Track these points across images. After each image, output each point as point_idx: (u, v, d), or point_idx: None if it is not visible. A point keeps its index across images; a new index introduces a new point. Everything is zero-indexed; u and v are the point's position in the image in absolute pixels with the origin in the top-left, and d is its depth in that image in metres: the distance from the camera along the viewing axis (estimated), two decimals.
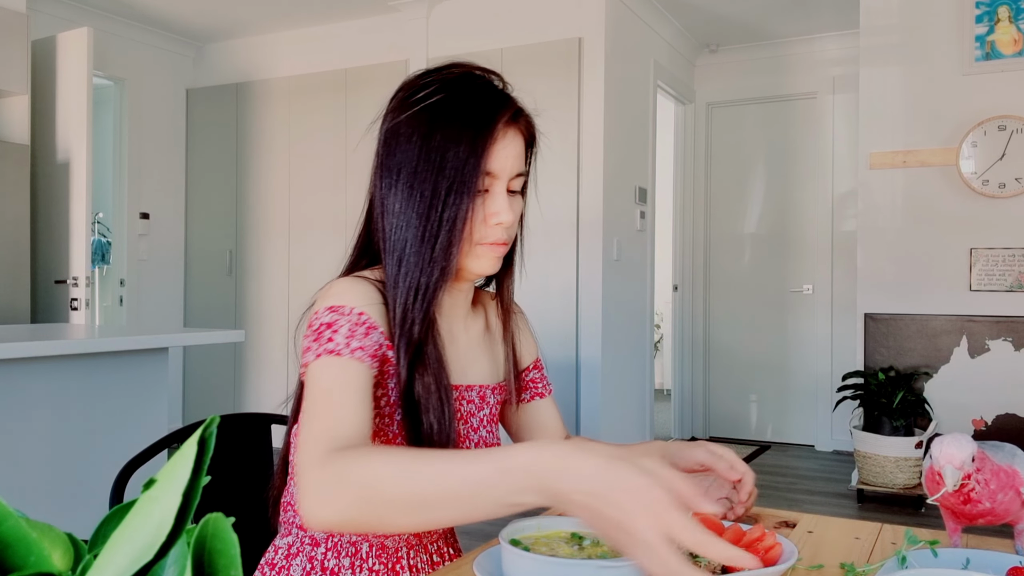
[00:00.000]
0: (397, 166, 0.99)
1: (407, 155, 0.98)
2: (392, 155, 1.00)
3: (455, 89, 0.98)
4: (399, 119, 0.99)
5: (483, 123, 0.97)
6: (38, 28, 4.58)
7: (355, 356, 0.91)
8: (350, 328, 0.93)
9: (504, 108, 0.99)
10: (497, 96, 1.00)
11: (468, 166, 0.95)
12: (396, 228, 0.99)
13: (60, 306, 4.16)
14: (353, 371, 0.90)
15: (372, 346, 0.93)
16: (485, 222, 0.99)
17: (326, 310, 0.95)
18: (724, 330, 5.65)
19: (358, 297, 0.96)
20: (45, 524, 0.30)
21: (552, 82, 4.35)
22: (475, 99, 0.98)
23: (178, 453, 0.30)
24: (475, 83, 1.00)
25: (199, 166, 5.62)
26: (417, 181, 0.97)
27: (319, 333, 0.93)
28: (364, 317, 0.94)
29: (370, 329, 0.94)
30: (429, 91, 0.98)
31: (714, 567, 0.86)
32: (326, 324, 0.93)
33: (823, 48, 5.26)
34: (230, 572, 0.28)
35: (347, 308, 0.94)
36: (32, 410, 2.37)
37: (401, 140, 0.99)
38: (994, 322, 3.86)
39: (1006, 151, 3.83)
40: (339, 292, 0.97)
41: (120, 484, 1.19)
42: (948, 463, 0.89)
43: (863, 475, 3.92)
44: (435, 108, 0.97)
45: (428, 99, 0.97)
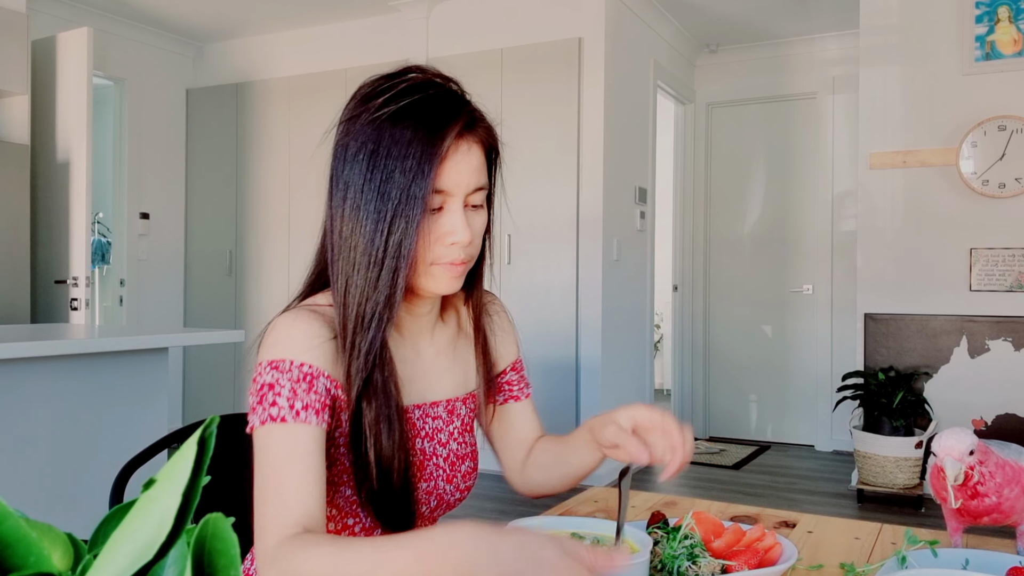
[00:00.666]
0: (344, 183, 0.94)
1: (354, 172, 0.93)
2: (341, 170, 0.95)
3: (405, 99, 0.92)
4: (348, 131, 0.95)
5: (432, 137, 0.90)
6: (38, 28, 4.58)
7: (300, 419, 0.87)
8: (292, 387, 0.88)
9: (455, 119, 0.92)
10: (449, 106, 0.93)
11: (415, 186, 0.90)
12: (342, 251, 0.94)
13: (60, 306, 4.16)
14: (300, 436, 0.86)
15: (318, 399, 0.89)
16: (440, 242, 0.94)
17: (268, 365, 0.90)
18: (724, 330, 5.65)
19: (300, 342, 0.90)
20: (45, 524, 0.30)
21: (552, 82, 4.35)
22: (425, 111, 0.92)
23: (178, 453, 0.30)
24: (428, 92, 0.93)
25: (199, 166, 5.62)
26: (363, 201, 0.92)
27: (262, 396, 0.88)
28: (306, 368, 0.89)
29: (314, 380, 0.89)
30: (379, 101, 0.93)
31: (713, 567, 0.86)
32: (268, 385, 0.89)
33: (823, 48, 5.26)
34: (230, 572, 0.28)
35: (287, 363, 0.89)
36: (32, 410, 2.37)
37: (349, 154, 0.94)
38: (994, 322, 3.86)
39: (1006, 151, 3.83)
40: (280, 340, 0.91)
41: (120, 484, 1.19)
42: (947, 455, 0.89)
43: (863, 475, 3.92)
44: (383, 121, 0.91)
45: (377, 111, 0.92)
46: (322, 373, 0.90)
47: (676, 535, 0.90)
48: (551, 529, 0.91)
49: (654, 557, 0.88)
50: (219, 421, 0.31)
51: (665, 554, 0.88)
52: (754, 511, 1.20)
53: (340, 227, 0.94)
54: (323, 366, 0.91)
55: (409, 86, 0.94)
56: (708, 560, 0.87)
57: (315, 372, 0.90)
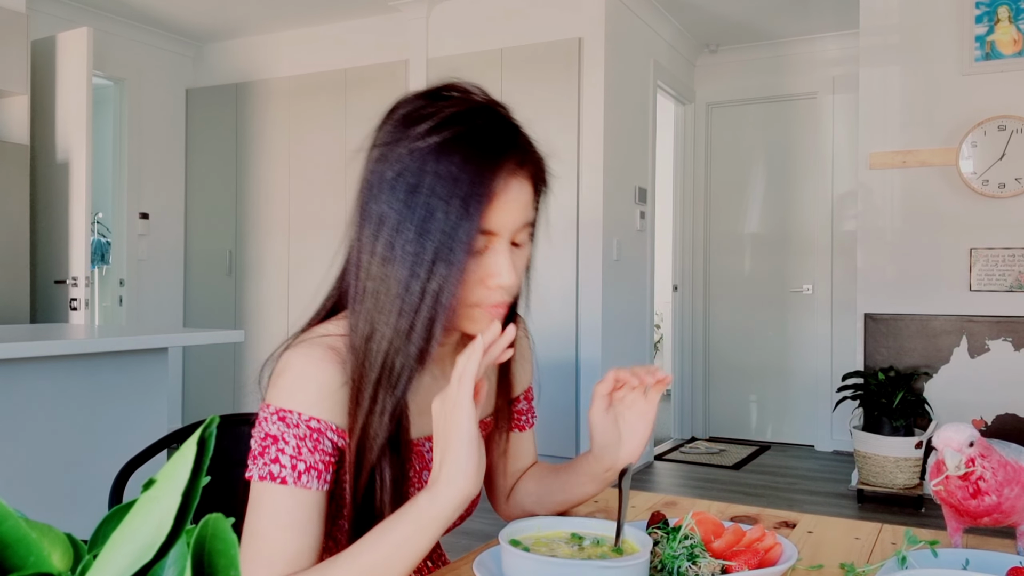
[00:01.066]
0: (378, 216, 0.85)
1: (389, 205, 0.84)
2: (373, 201, 0.86)
3: (451, 129, 0.84)
4: (385, 158, 0.86)
5: (481, 174, 0.82)
6: (38, 28, 4.58)
7: (301, 483, 0.83)
8: (297, 444, 0.84)
9: (506, 154, 0.85)
10: (500, 138, 0.85)
11: (460, 229, 0.82)
12: (368, 292, 0.86)
13: (60, 306, 4.16)
14: (300, 502, 0.84)
15: (323, 458, 0.85)
16: (483, 283, 0.87)
17: (275, 415, 0.85)
18: (724, 330, 5.65)
19: (311, 392, 0.85)
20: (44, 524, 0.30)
21: (552, 82, 4.35)
22: (474, 143, 0.83)
23: (178, 453, 0.30)
24: (476, 122, 0.85)
25: (199, 166, 5.62)
26: (398, 240, 0.83)
27: (264, 447, 0.84)
28: (314, 424, 0.85)
29: (321, 436, 0.85)
30: (421, 129, 0.84)
31: (714, 568, 0.86)
32: (272, 437, 0.84)
33: (823, 48, 5.26)
34: (230, 573, 0.28)
35: (295, 416, 0.84)
36: (31, 410, 2.37)
37: (385, 185, 0.85)
38: (994, 322, 3.86)
39: (1006, 151, 3.83)
40: (290, 387, 0.85)
41: (119, 484, 1.19)
42: (947, 446, 0.89)
43: (863, 475, 3.92)
44: (427, 152, 0.83)
45: (420, 140, 0.84)
46: (330, 427, 0.86)
47: (676, 535, 0.90)
48: (549, 530, 0.91)
49: (654, 557, 0.88)
50: (219, 421, 0.31)
51: (665, 554, 0.88)
52: (754, 511, 1.20)
53: (368, 265, 0.86)
54: (333, 418, 0.86)
55: (456, 113, 0.85)
56: (708, 560, 0.87)
57: (323, 427, 0.85)
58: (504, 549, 0.83)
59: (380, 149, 0.88)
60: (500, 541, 0.84)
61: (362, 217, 0.88)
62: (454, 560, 1.04)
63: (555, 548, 0.86)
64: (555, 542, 0.88)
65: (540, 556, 0.82)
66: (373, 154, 0.89)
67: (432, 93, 0.89)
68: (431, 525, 0.80)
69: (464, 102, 0.87)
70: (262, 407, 0.88)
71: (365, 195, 0.88)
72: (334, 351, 0.88)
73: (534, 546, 0.86)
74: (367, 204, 0.87)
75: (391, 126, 0.88)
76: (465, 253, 0.82)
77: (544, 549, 0.86)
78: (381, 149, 0.87)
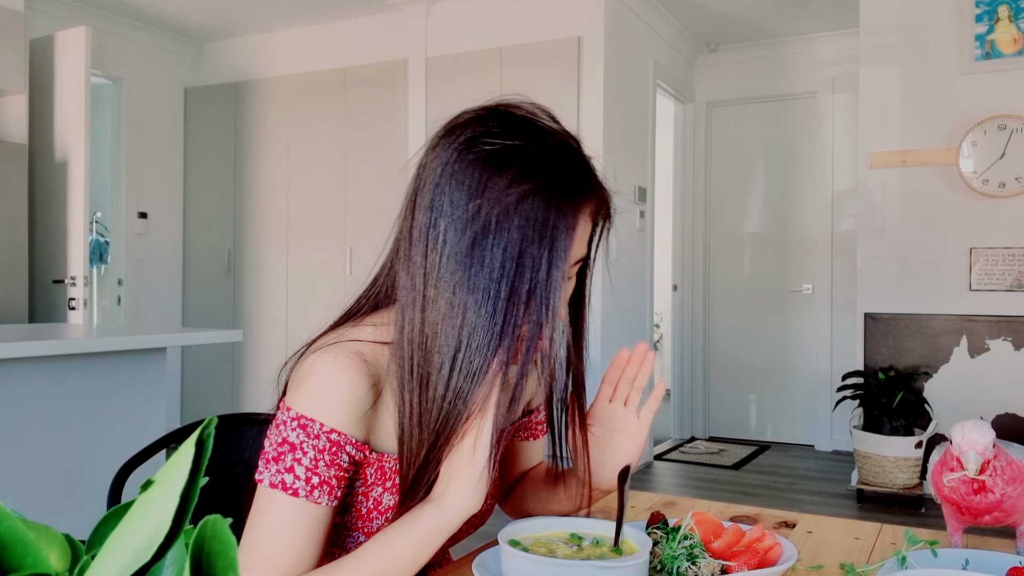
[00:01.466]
0: (453, 243, 0.83)
1: (466, 233, 0.83)
2: (444, 225, 0.84)
3: (538, 175, 0.83)
4: (462, 187, 0.83)
5: (569, 220, 0.83)
6: (36, 27, 4.58)
7: (312, 498, 0.83)
8: (315, 456, 0.83)
9: (589, 198, 0.86)
10: (583, 183, 0.86)
11: (555, 272, 0.82)
12: (430, 321, 0.84)
13: (58, 306, 4.16)
14: (309, 515, 0.83)
15: (338, 472, 0.85)
16: None
17: (296, 421, 0.84)
18: (724, 330, 5.65)
19: (335, 403, 0.84)
20: (42, 525, 0.30)
21: (551, 81, 4.35)
22: (562, 189, 0.83)
23: (176, 454, 0.29)
24: (561, 165, 0.85)
25: (197, 165, 5.62)
26: (481, 274, 0.82)
27: (281, 453, 0.83)
28: (335, 436, 0.84)
29: (340, 450, 0.84)
30: (508, 175, 0.82)
31: (713, 568, 0.86)
32: (291, 445, 0.83)
33: (823, 47, 5.26)
34: (228, 574, 0.28)
35: (316, 425, 0.83)
36: (29, 410, 2.36)
37: (460, 219, 0.83)
38: (994, 322, 3.86)
39: (1006, 150, 3.83)
40: (314, 393, 0.85)
41: (118, 484, 1.19)
42: (971, 448, 0.88)
43: (863, 475, 3.92)
44: (514, 200, 0.82)
45: (507, 188, 0.82)
46: (350, 441, 0.85)
47: (676, 535, 0.90)
48: (548, 530, 0.91)
49: (653, 558, 0.88)
50: (217, 422, 0.31)
51: (665, 555, 0.88)
52: (754, 511, 1.19)
53: (435, 292, 0.84)
54: (353, 431, 0.86)
55: (541, 155, 0.84)
56: (708, 560, 0.87)
57: (343, 441, 0.85)
58: (503, 549, 0.83)
59: (456, 181, 0.84)
60: (499, 541, 0.84)
61: (428, 246, 0.85)
62: (454, 560, 1.04)
63: (554, 548, 0.86)
64: (554, 542, 0.88)
65: (539, 556, 0.81)
66: (435, 169, 0.86)
67: (502, 116, 0.87)
68: (435, 538, 0.81)
69: (543, 137, 0.86)
70: (282, 408, 0.87)
71: (426, 222, 0.85)
72: (361, 358, 0.87)
73: (533, 546, 0.86)
74: (432, 226, 0.85)
75: (473, 165, 0.84)
76: (559, 297, 0.82)
77: (543, 549, 0.85)
78: (457, 180, 0.84)
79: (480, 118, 0.87)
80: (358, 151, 4.99)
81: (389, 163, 4.86)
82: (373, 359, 0.89)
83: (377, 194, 4.90)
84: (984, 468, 0.89)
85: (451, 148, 0.86)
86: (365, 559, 0.81)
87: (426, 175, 0.87)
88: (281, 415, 0.86)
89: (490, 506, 1.04)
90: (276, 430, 0.85)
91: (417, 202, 0.88)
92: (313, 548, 0.84)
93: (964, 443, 0.89)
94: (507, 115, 0.88)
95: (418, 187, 0.88)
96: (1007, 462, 0.90)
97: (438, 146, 0.87)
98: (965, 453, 0.89)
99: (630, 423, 0.98)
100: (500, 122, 0.86)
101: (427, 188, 0.86)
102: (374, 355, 0.89)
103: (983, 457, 0.88)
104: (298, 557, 0.83)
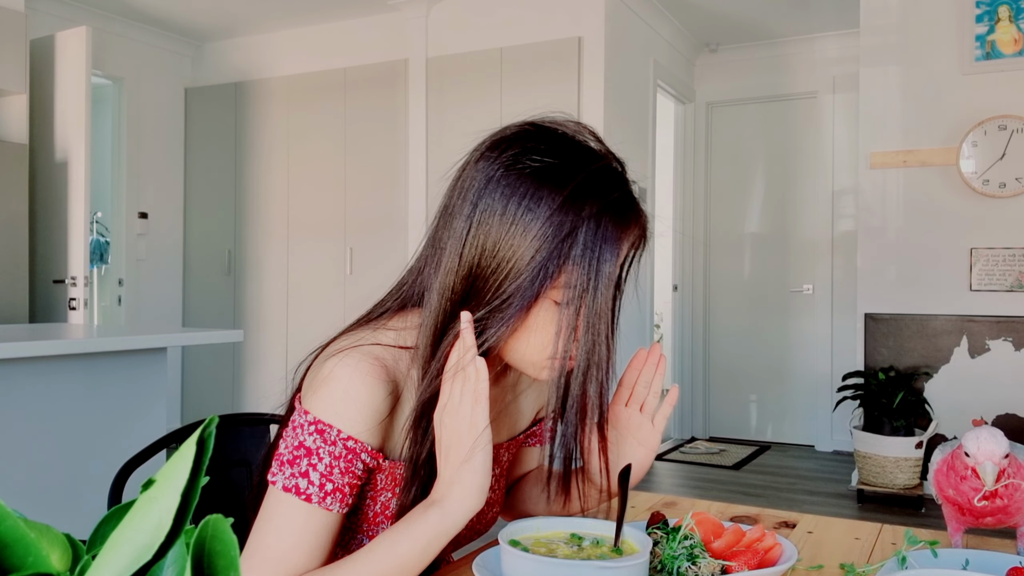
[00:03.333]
0: (501, 260, 0.85)
1: (515, 248, 0.85)
2: (490, 242, 0.86)
3: (592, 204, 0.85)
4: (501, 204, 0.85)
5: (618, 249, 0.87)
6: (36, 27, 4.58)
7: (324, 505, 0.83)
8: (330, 463, 0.83)
9: (634, 229, 0.90)
10: (631, 213, 0.89)
11: (609, 297, 0.87)
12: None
13: (58, 306, 4.16)
14: (319, 520, 0.83)
15: (351, 479, 0.85)
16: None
17: (312, 426, 0.84)
18: (724, 330, 5.65)
19: (354, 411, 0.84)
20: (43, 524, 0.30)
21: (551, 82, 4.35)
22: (614, 219, 0.86)
23: (177, 453, 0.29)
24: (611, 195, 0.87)
25: (198, 165, 5.62)
26: (525, 293, 0.85)
27: (296, 457, 0.83)
28: (351, 444, 0.84)
29: (355, 458, 0.85)
30: (563, 196, 0.84)
31: (713, 568, 0.86)
32: (307, 450, 0.83)
33: (823, 48, 5.26)
34: (229, 574, 0.28)
35: (333, 432, 0.84)
36: (30, 410, 2.37)
37: (512, 238, 0.85)
38: (994, 322, 3.86)
39: (1006, 151, 3.83)
40: (334, 399, 0.85)
41: (119, 484, 1.19)
42: (988, 459, 0.87)
43: (863, 475, 3.92)
44: (593, 220, 0.85)
45: (591, 209, 0.85)
46: (366, 449, 0.85)
47: (676, 536, 0.90)
48: (548, 530, 0.91)
49: (654, 558, 0.88)
50: (218, 421, 0.31)
51: (665, 555, 0.88)
52: (754, 511, 1.19)
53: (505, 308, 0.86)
54: (370, 440, 0.86)
55: (591, 183, 0.86)
56: (708, 561, 0.87)
57: (359, 448, 0.85)
58: (503, 549, 0.83)
59: (500, 195, 0.86)
60: (500, 541, 0.84)
61: (463, 249, 0.87)
62: (454, 560, 1.04)
63: (554, 548, 0.86)
64: (554, 542, 0.88)
65: (539, 556, 0.81)
66: (487, 192, 0.86)
67: (548, 133, 0.89)
68: (440, 539, 0.81)
69: (589, 159, 0.88)
70: (299, 411, 0.86)
71: (467, 226, 0.87)
72: (381, 363, 0.87)
73: (533, 546, 0.86)
74: (470, 235, 0.86)
75: (518, 182, 0.86)
76: (614, 321, 0.87)
77: (543, 549, 0.85)
78: (502, 194, 0.86)
79: (526, 134, 0.89)
80: (358, 151, 4.99)
81: (389, 163, 4.86)
82: (393, 364, 0.89)
83: (377, 194, 4.90)
84: (999, 477, 0.88)
85: (496, 162, 0.87)
86: (371, 559, 0.81)
87: (468, 186, 0.88)
88: (299, 417, 0.86)
89: (495, 514, 1.05)
90: (293, 432, 0.85)
91: (455, 211, 0.88)
92: (320, 553, 0.84)
93: (980, 454, 0.87)
94: (552, 133, 0.89)
95: (457, 196, 0.89)
96: (1016, 467, 0.89)
97: (481, 159, 0.88)
98: (982, 464, 0.88)
99: (644, 428, 0.99)
100: (546, 140, 0.88)
101: (468, 199, 0.87)
102: (394, 360, 0.89)
103: (999, 467, 0.87)
104: (305, 561, 0.83)
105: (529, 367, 0.91)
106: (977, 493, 0.89)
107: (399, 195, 4.82)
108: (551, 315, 0.87)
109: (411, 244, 4.76)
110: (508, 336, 0.88)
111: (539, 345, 0.88)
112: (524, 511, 1.11)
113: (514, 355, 0.91)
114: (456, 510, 0.81)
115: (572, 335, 0.85)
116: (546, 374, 0.90)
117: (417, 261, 0.94)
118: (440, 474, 0.83)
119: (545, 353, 0.88)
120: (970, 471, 0.89)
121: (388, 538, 0.82)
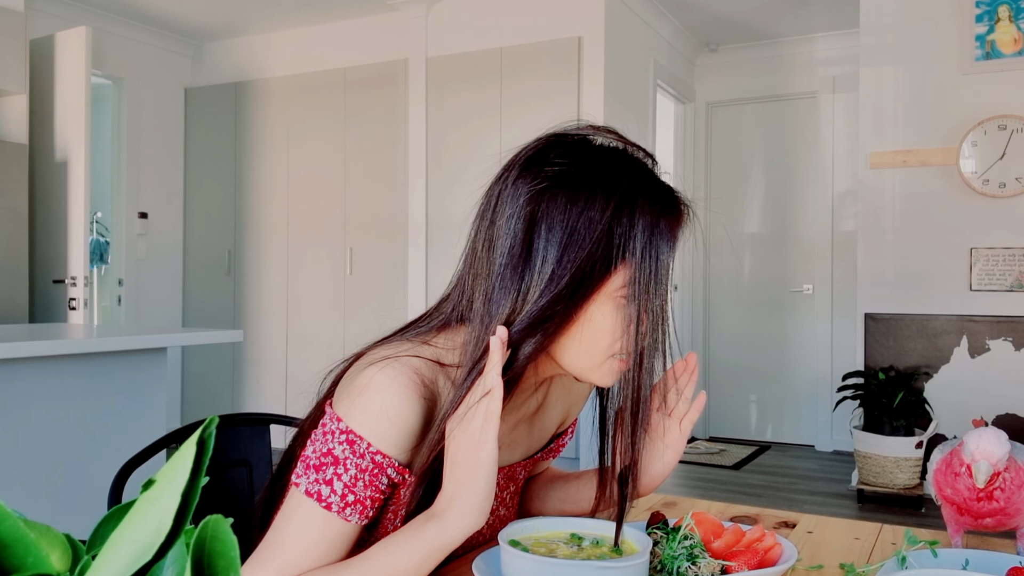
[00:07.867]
0: (552, 271, 0.85)
1: (575, 262, 0.86)
2: (553, 255, 0.86)
3: (636, 201, 0.88)
4: (547, 215, 0.86)
5: (670, 260, 0.92)
6: (36, 27, 4.58)
7: (343, 515, 0.83)
8: (356, 474, 0.83)
9: (682, 216, 0.96)
10: (679, 223, 0.95)
11: (664, 301, 0.91)
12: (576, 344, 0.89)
13: (58, 306, 4.16)
14: (336, 528, 0.84)
15: (375, 493, 0.85)
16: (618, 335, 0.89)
17: (343, 435, 0.84)
18: (724, 330, 5.65)
19: (386, 426, 0.84)
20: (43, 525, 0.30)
21: (551, 81, 4.35)
22: (667, 234, 0.91)
23: (177, 453, 0.29)
24: (658, 194, 0.92)
25: (198, 165, 5.62)
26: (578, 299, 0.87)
27: (323, 463, 0.83)
28: (379, 458, 0.84)
29: (381, 472, 0.84)
30: (613, 203, 0.87)
31: (713, 568, 0.86)
32: (335, 458, 0.83)
33: (823, 48, 5.26)
34: (229, 574, 0.28)
35: (363, 444, 0.83)
36: (30, 410, 2.37)
37: (576, 254, 0.86)
38: (994, 322, 3.86)
39: (1006, 151, 3.83)
40: (368, 410, 0.84)
41: (119, 484, 1.19)
42: (985, 458, 0.87)
43: (863, 475, 3.92)
44: (652, 233, 0.89)
45: (650, 225, 0.89)
46: (393, 464, 0.85)
47: (676, 536, 0.90)
48: (548, 530, 0.91)
49: (653, 558, 0.88)
50: (218, 421, 0.31)
51: (665, 555, 0.88)
52: (754, 511, 1.19)
53: (549, 310, 0.86)
54: (398, 455, 0.85)
55: (633, 184, 0.90)
56: (708, 561, 0.87)
57: (386, 463, 0.84)
58: (503, 549, 0.83)
59: (546, 205, 0.86)
60: (499, 541, 0.84)
61: (522, 261, 0.86)
62: (454, 560, 1.04)
63: (554, 548, 0.86)
64: (554, 542, 0.88)
65: (539, 556, 0.81)
66: (530, 204, 0.87)
67: (582, 144, 0.93)
68: (437, 555, 0.81)
69: (628, 167, 0.91)
70: (331, 415, 0.86)
71: (511, 241, 0.87)
72: (420, 377, 0.87)
73: (533, 546, 0.86)
74: (519, 254, 0.86)
75: (563, 192, 0.87)
76: (668, 313, 0.91)
77: (543, 549, 0.85)
78: (548, 205, 0.86)
79: (555, 144, 0.92)
80: (358, 151, 4.99)
81: (389, 163, 4.86)
82: (431, 380, 0.88)
83: (377, 194, 4.90)
84: (993, 479, 0.88)
85: (538, 174, 0.88)
86: (366, 568, 0.81)
87: (508, 204, 0.88)
88: (330, 423, 0.85)
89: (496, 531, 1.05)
90: (323, 438, 0.85)
91: (498, 231, 0.88)
92: (332, 560, 0.84)
93: (978, 452, 0.88)
94: (577, 141, 0.94)
95: (498, 215, 0.88)
96: (1016, 471, 0.89)
97: (519, 178, 0.88)
98: (977, 462, 0.88)
99: (672, 432, 1.00)
100: (576, 149, 0.92)
101: (509, 216, 0.87)
102: (432, 375, 0.88)
103: (994, 469, 0.87)
104: (315, 567, 0.83)
105: (584, 370, 0.91)
106: (970, 491, 0.89)
107: (399, 195, 4.82)
108: (608, 314, 0.87)
109: (411, 244, 4.76)
110: (556, 343, 0.88)
111: (598, 345, 0.88)
112: (529, 510, 1.11)
113: (566, 357, 0.90)
114: (454, 526, 0.80)
115: (638, 329, 0.87)
116: (598, 375, 0.91)
117: (459, 279, 0.93)
118: (443, 487, 0.83)
119: (604, 352, 0.89)
120: (964, 468, 0.89)
121: (385, 547, 0.82)
